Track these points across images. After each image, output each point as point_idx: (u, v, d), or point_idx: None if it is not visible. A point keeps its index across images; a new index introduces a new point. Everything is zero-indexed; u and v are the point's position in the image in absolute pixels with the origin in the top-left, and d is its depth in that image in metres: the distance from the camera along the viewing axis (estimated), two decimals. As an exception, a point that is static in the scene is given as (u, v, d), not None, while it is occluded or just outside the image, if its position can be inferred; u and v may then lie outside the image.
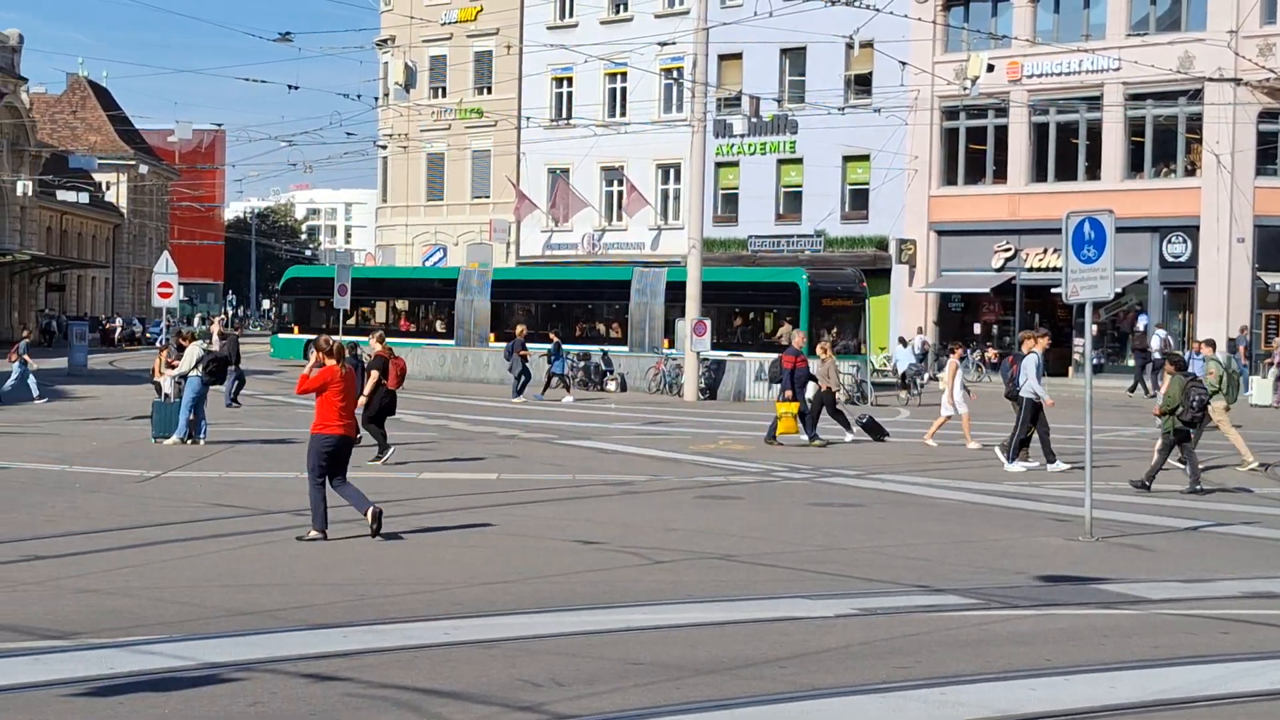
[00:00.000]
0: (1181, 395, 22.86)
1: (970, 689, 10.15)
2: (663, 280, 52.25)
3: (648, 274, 53.62)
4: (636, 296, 52.94)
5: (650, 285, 52.62)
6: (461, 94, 74.04)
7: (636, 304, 52.85)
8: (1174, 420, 22.87)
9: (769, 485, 23.28)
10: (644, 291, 52.77)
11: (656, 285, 52.38)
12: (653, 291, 52.36)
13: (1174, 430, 22.96)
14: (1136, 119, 55.73)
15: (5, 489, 20.97)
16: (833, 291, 49.77)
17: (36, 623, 11.83)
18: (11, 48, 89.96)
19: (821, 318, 47.40)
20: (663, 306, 51.89)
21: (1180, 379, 23.17)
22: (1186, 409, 22.80)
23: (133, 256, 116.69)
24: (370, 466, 24.01)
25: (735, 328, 51.26)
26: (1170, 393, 22.92)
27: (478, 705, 9.46)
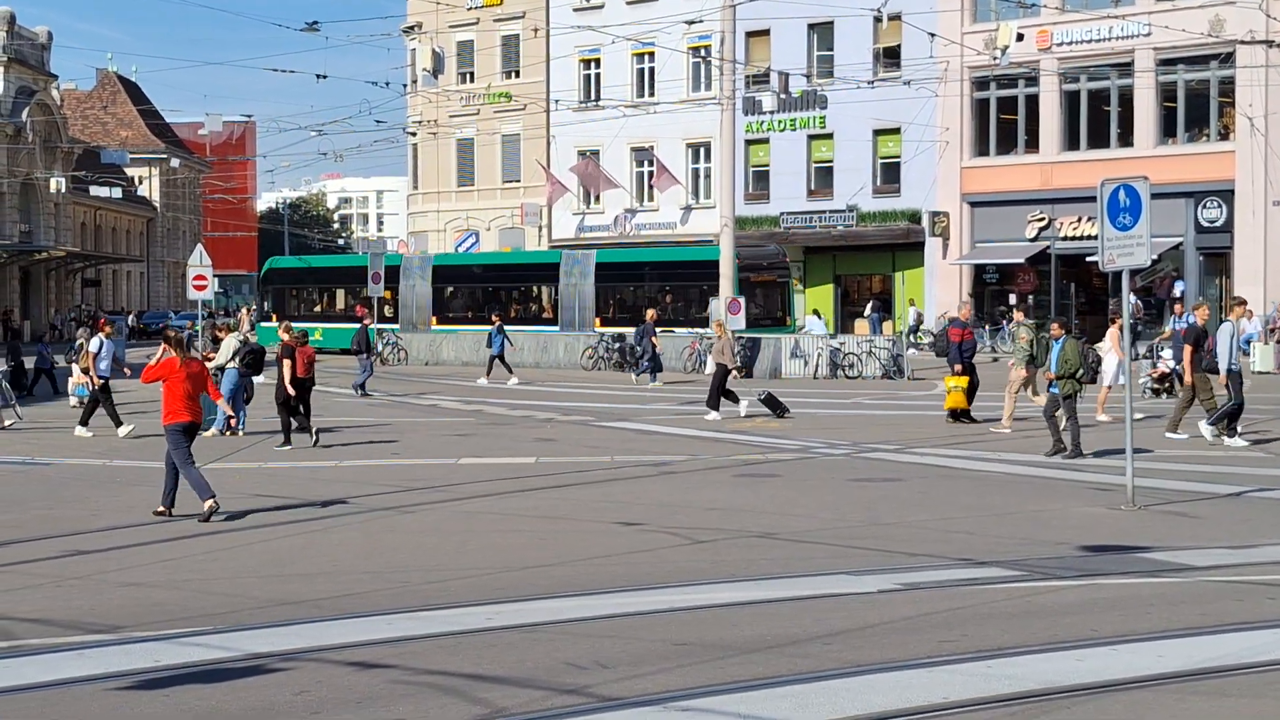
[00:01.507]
0: (1078, 357, 22.94)
1: (1017, 661, 10.10)
2: (591, 262, 54.99)
3: (575, 255, 56.35)
4: (565, 279, 55.34)
5: (580, 267, 55.07)
6: (489, 78, 74.00)
7: (565, 285, 55.31)
8: (1073, 382, 22.89)
9: (808, 462, 23.23)
10: (572, 274, 55.16)
11: (586, 267, 54.92)
12: (582, 273, 54.75)
13: (1071, 393, 22.97)
14: (1168, 84, 55.40)
15: (48, 484, 21.07)
16: (757, 267, 51.73)
17: (81, 617, 11.87)
18: (41, 45, 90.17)
19: (747, 293, 48.03)
20: (592, 288, 54.51)
21: (1073, 341, 23.26)
22: (1087, 370, 22.93)
23: (167, 250, 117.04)
24: (389, 452, 24.17)
25: (667, 303, 53.51)
26: (1067, 355, 22.88)
27: (523, 689, 9.46)
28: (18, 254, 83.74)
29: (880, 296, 63.08)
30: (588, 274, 55.05)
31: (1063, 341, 23.12)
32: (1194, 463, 22.14)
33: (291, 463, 23.52)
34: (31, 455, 24.68)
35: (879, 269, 64.21)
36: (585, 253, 57.43)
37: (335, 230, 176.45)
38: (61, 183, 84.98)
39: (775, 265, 53.22)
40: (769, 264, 53.11)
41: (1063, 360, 22.87)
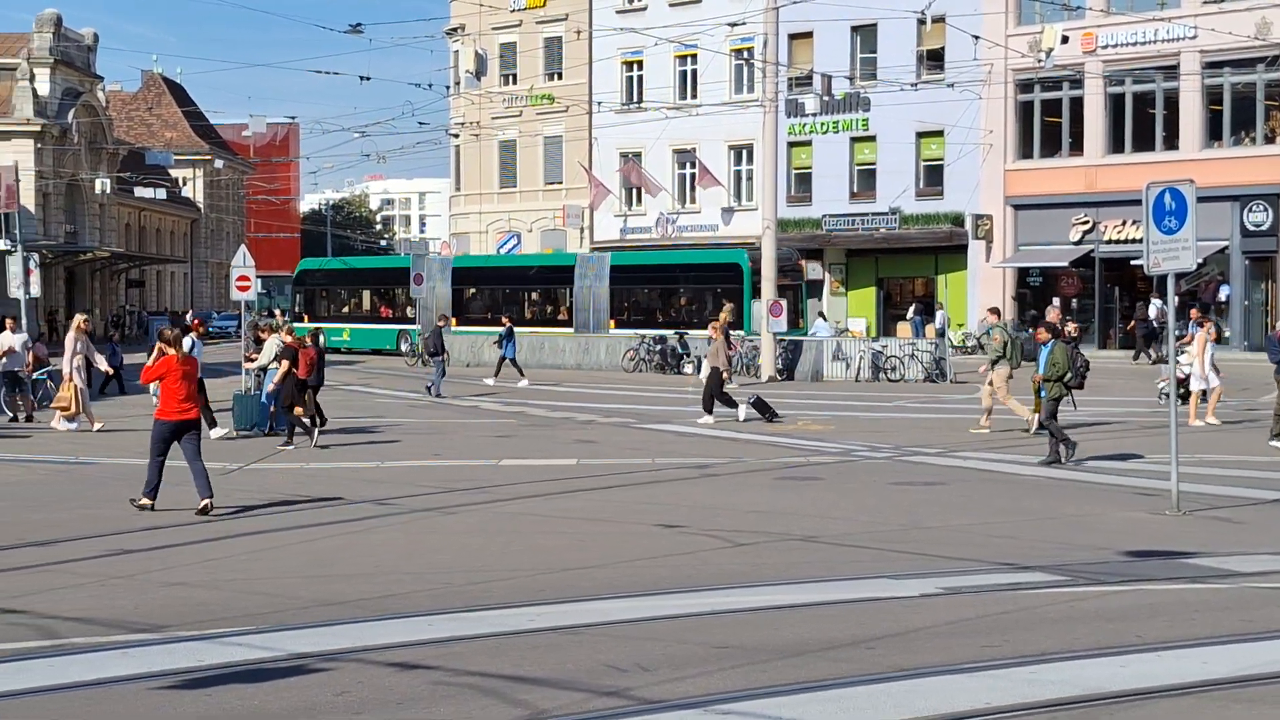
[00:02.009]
0: (1067, 360, 22.87)
1: (1060, 667, 10.05)
2: (606, 265, 55.65)
3: (590, 257, 57.34)
4: (580, 281, 55.86)
5: (595, 269, 55.75)
6: (532, 80, 74.07)
7: (580, 287, 55.80)
8: (1060, 386, 22.84)
9: (849, 465, 23.18)
10: (587, 276, 55.73)
11: (601, 269, 55.58)
12: (597, 275, 55.38)
13: (1059, 396, 22.93)
14: (1214, 87, 55.10)
15: (91, 485, 21.17)
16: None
17: (125, 616, 11.92)
18: (87, 46, 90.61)
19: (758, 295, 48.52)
20: (607, 290, 55.03)
21: (1063, 345, 23.26)
22: (1075, 375, 22.85)
23: (210, 251, 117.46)
24: (430, 453, 24.23)
25: (682, 306, 53.76)
26: (1055, 359, 22.80)
27: (564, 692, 9.45)
28: (63, 255, 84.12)
29: (922, 299, 62.90)
30: (603, 276, 55.57)
31: (1051, 346, 23.15)
32: (1238, 468, 22.01)
33: (333, 463, 23.59)
34: (75, 455, 24.79)
35: (922, 272, 64.03)
36: (600, 255, 58.27)
37: (378, 232, 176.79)
38: (106, 184, 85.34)
39: (787, 269, 52.49)
40: (781, 267, 51.85)
41: (1050, 364, 22.88)
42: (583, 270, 56.27)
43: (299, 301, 67.95)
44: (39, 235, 77.31)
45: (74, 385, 27.88)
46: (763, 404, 30.63)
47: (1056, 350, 22.93)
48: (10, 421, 30.77)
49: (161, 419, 18.21)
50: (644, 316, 53.26)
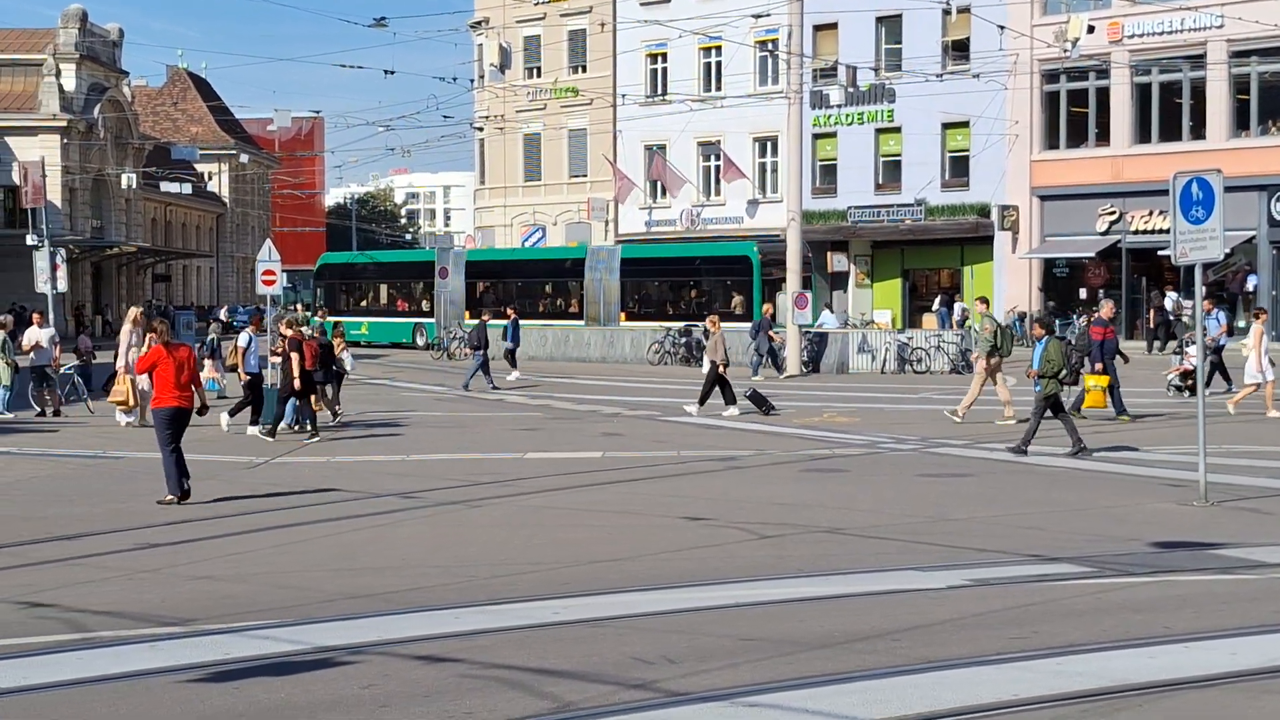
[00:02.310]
0: (1061, 357, 22.87)
1: (1088, 659, 10.02)
2: (617, 257, 56.09)
3: (600, 250, 57.80)
4: (590, 273, 56.20)
5: (605, 262, 56.09)
6: (556, 73, 74.08)
7: (590, 280, 56.17)
8: (1054, 383, 22.81)
9: (875, 457, 23.15)
10: (597, 268, 56.10)
11: (611, 262, 55.96)
12: (608, 268, 55.68)
13: (1053, 393, 22.87)
14: (1241, 76, 54.85)
15: (118, 478, 21.23)
16: (769, 263, 51.95)
17: (153, 609, 11.95)
18: (113, 42, 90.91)
19: (772, 288, 49.62)
20: (618, 282, 55.39)
21: (1057, 342, 23.23)
22: (1070, 372, 22.82)
23: (236, 245, 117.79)
24: (456, 446, 24.31)
25: (692, 299, 54.10)
26: (1050, 355, 22.76)
27: (590, 684, 9.45)
28: (90, 250, 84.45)
29: (948, 291, 62.77)
30: (613, 269, 55.96)
31: (1045, 342, 23.11)
32: (1267, 459, 21.94)
33: (359, 456, 23.63)
34: (103, 449, 24.86)
35: (947, 263, 63.87)
36: (611, 247, 58.74)
37: (403, 226, 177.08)
38: (132, 179, 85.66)
39: None
40: (780, 260, 53.15)
41: (1045, 360, 22.80)
42: (593, 263, 56.70)
43: (319, 295, 68.39)
44: (65, 230, 77.66)
45: (130, 379, 27.45)
46: (759, 397, 30.57)
47: (1051, 347, 22.92)
48: (38, 416, 30.87)
49: (159, 407, 18.41)
50: (654, 309, 53.53)
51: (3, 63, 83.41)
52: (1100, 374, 28.19)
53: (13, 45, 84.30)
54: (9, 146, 79.77)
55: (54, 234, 54.24)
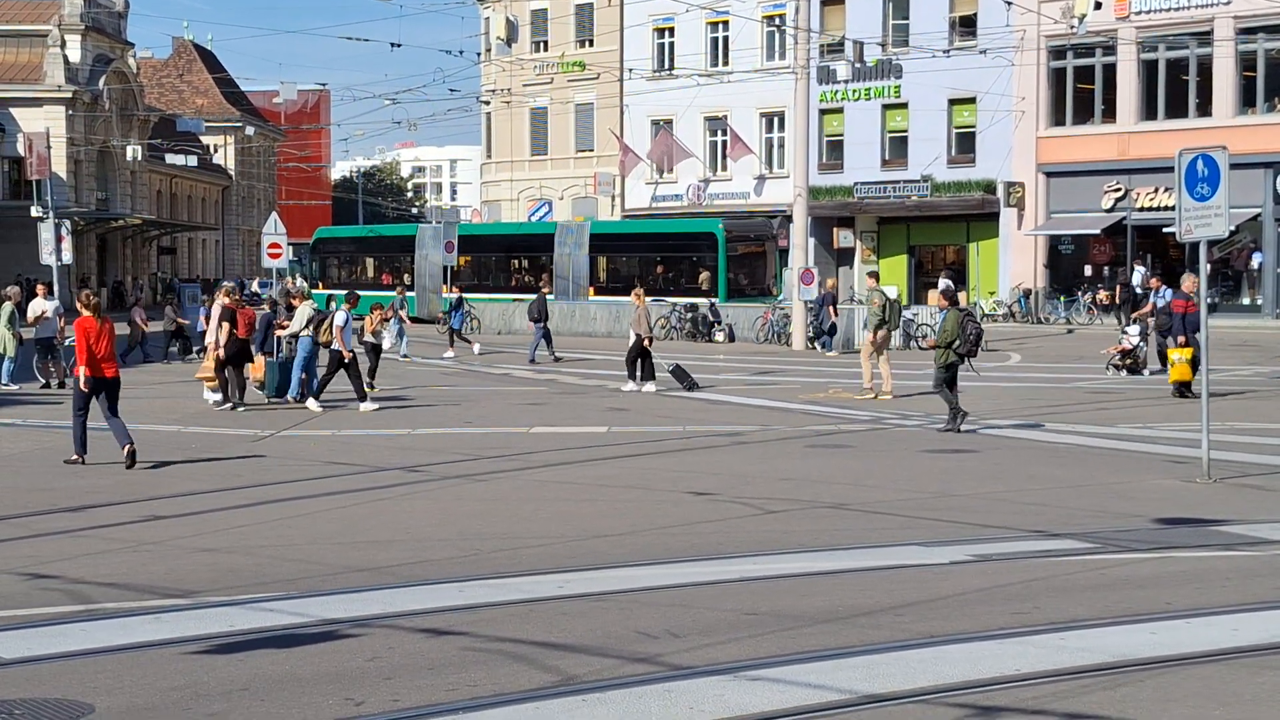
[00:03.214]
0: (957, 328, 22.86)
1: (1090, 634, 10.05)
2: (586, 233, 57.23)
3: (570, 226, 59.19)
4: (560, 248, 57.42)
5: (574, 237, 57.33)
6: (563, 47, 73.98)
7: (560, 255, 57.35)
8: (949, 353, 22.90)
9: (880, 433, 23.16)
10: (566, 244, 57.36)
11: (581, 238, 57.11)
12: (577, 243, 56.90)
13: (950, 363, 22.98)
14: (1248, 53, 54.77)
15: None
16: (746, 239, 54.68)
17: (158, 581, 11.98)
18: (118, 13, 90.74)
19: (737, 263, 52.37)
20: (587, 258, 56.65)
21: (955, 313, 23.29)
22: (964, 341, 22.82)
23: (242, 218, 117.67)
24: (461, 420, 24.35)
25: (658, 274, 54.88)
26: (946, 326, 22.90)
27: (594, 658, 9.48)
28: (95, 221, 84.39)
29: (952, 267, 62.77)
30: (582, 244, 57.07)
31: (945, 314, 23.17)
32: (1270, 435, 21.94)
33: (364, 430, 23.65)
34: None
35: (953, 239, 63.88)
36: (580, 224, 59.81)
37: (409, 199, 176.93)
38: (138, 151, 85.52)
39: (762, 237, 55.72)
40: (756, 236, 55.84)
41: (942, 331, 22.90)
42: (563, 238, 57.80)
43: (314, 269, 69.04)
44: (70, 202, 77.56)
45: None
46: (681, 371, 30.51)
47: (949, 318, 23.08)
48: (42, 388, 30.91)
49: (92, 376, 19.09)
50: (622, 284, 53.99)
51: (8, 33, 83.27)
52: (1183, 347, 27.76)
53: (18, 16, 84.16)
54: (14, 118, 79.69)
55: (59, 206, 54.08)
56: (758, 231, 56.21)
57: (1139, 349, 32.92)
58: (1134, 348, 32.98)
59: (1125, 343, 33.50)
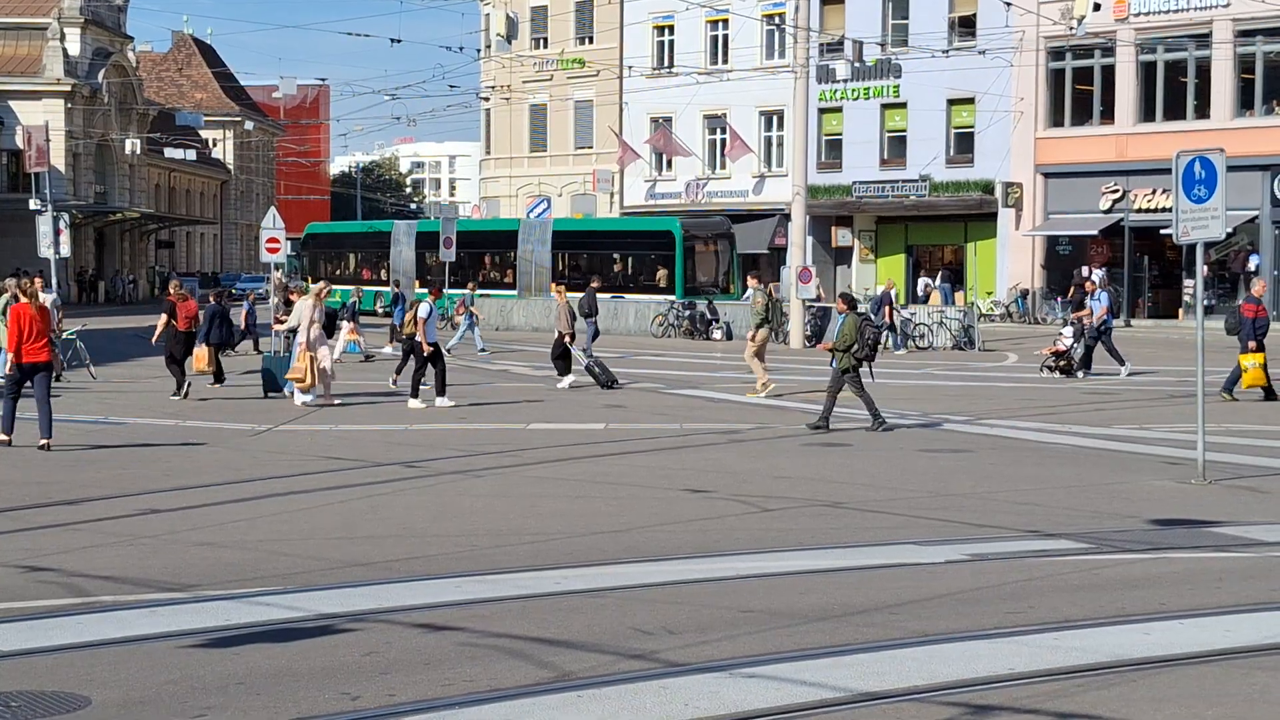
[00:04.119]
0: (855, 332, 22.87)
1: (1084, 634, 10.08)
2: (549, 230, 58.74)
3: (533, 223, 60.87)
4: (523, 245, 58.59)
5: (537, 235, 58.69)
6: (563, 44, 73.95)
7: (523, 252, 58.56)
8: (849, 358, 22.89)
9: (876, 432, 23.16)
10: (530, 241, 58.63)
11: (544, 235, 58.49)
12: (540, 240, 58.16)
13: (848, 368, 22.97)
14: (1246, 56, 54.81)
15: (120, 443, 21.25)
16: (704, 237, 55.57)
17: (154, 575, 12.00)
18: (118, 7, 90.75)
19: (695, 262, 53.56)
20: (549, 254, 57.80)
21: (854, 317, 23.27)
22: (862, 345, 22.81)
23: (240, 212, 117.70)
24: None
25: (617, 272, 55.93)
26: (845, 330, 22.84)
27: (590, 654, 9.51)
28: (93, 215, 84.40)
29: (950, 267, 62.80)
30: (545, 241, 58.25)
31: (844, 318, 23.16)
32: (1265, 438, 21.98)
33: (363, 426, 23.68)
34: (105, 414, 24.91)
35: (951, 239, 63.90)
36: (543, 221, 61.65)
37: (408, 195, 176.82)
38: (136, 144, 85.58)
39: (720, 236, 56.45)
40: (713, 235, 56.56)
41: (840, 335, 22.86)
42: (526, 235, 59.06)
43: (305, 264, 69.89)
44: (69, 195, 77.57)
45: (310, 356, 26.17)
46: (599, 368, 30.43)
47: (847, 323, 23.02)
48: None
49: (25, 361, 19.87)
50: (583, 281, 54.28)
51: (7, 26, 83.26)
52: (1255, 352, 27.43)
53: (17, 9, 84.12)
54: (13, 110, 79.72)
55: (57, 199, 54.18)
56: (715, 231, 57.03)
57: (1072, 350, 32.94)
58: (1067, 349, 32.98)
59: (1059, 344, 33.50)
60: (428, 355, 26.45)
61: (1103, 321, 33.08)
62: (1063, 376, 32.38)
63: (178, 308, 28.28)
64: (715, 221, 58.82)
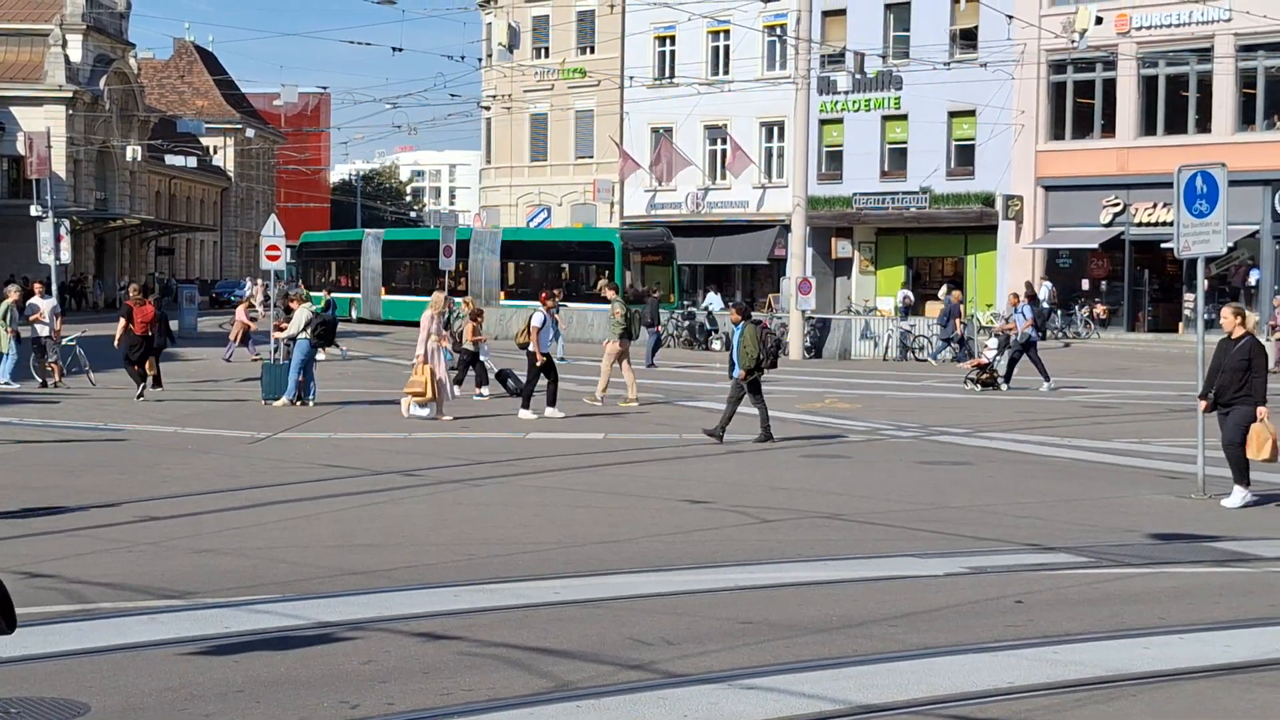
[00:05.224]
0: (756, 343, 22.76)
1: (1083, 648, 10.07)
2: (498, 240, 60.66)
3: (484, 232, 62.79)
4: (475, 254, 60.29)
5: (488, 244, 60.54)
6: (564, 54, 74.00)
7: (474, 260, 60.17)
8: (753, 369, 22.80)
9: (876, 444, 23.19)
10: (481, 250, 60.52)
11: (494, 244, 60.38)
12: (490, 249, 59.99)
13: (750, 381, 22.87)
14: (1248, 70, 54.83)
15: (119, 451, 21.25)
16: (644, 248, 57.53)
17: (153, 582, 11.99)
18: (119, 13, 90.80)
19: (635, 272, 55.03)
20: (499, 263, 59.76)
21: (752, 326, 23.06)
22: (766, 354, 22.73)
23: (240, 220, 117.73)
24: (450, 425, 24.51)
25: (562, 280, 57.03)
26: (745, 342, 22.72)
27: (589, 664, 9.50)
28: (93, 221, 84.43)
29: (952, 280, 62.80)
30: (495, 250, 60.02)
31: (741, 328, 22.98)
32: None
33: (360, 434, 23.67)
34: (104, 421, 24.90)
35: (951, 252, 63.90)
36: (493, 231, 63.66)
37: (408, 204, 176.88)
38: (137, 151, 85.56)
39: (660, 247, 58.02)
40: (654, 246, 58.28)
41: (742, 348, 22.67)
42: (478, 244, 60.73)
43: (299, 271, 70.48)
44: (69, 202, 77.60)
45: (430, 369, 25.71)
46: (506, 377, 30.39)
47: (746, 335, 22.76)
48: (40, 387, 30.93)
49: None
50: (530, 289, 55.35)
51: (9, 32, 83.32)
52: None
53: (19, 15, 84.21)
54: (14, 117, 79.71)
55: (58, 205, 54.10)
56: (656, 242, 58.58)
57: (995, 363, 32.92)
58: (990, 362, 32.94)
59: (983, 356, 33.44)
60: (541, 365, 26.38)
61: (1026, 335, 33.16)
62: (984, 390, 32.30)
63: (134, 311, 29.03)
64: (656, 233, 60.55)
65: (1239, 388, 16.55)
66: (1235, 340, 16.70)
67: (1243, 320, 16.79)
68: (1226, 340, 16.84)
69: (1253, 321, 17.07)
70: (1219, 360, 16.81)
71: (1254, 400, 16.51)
